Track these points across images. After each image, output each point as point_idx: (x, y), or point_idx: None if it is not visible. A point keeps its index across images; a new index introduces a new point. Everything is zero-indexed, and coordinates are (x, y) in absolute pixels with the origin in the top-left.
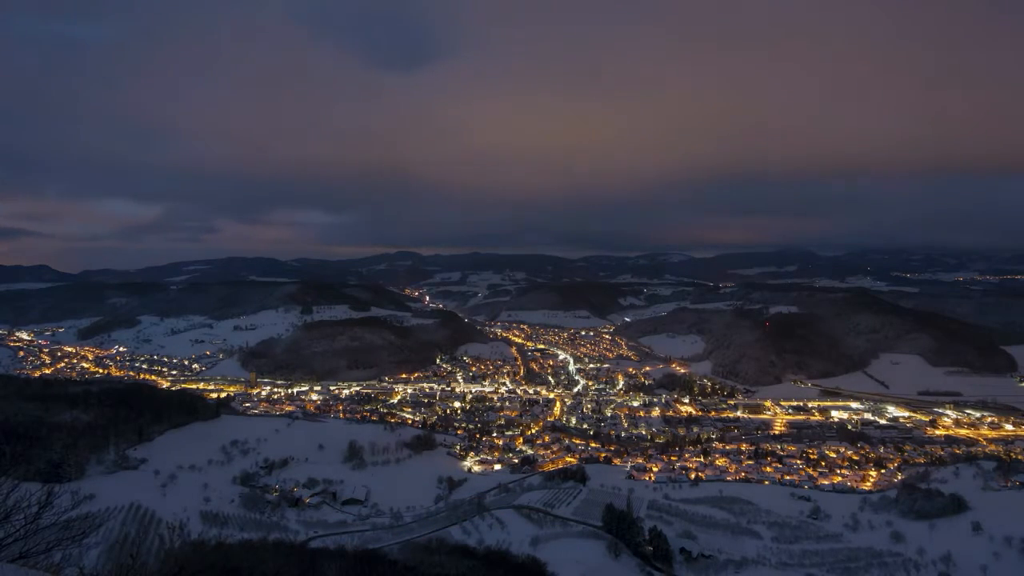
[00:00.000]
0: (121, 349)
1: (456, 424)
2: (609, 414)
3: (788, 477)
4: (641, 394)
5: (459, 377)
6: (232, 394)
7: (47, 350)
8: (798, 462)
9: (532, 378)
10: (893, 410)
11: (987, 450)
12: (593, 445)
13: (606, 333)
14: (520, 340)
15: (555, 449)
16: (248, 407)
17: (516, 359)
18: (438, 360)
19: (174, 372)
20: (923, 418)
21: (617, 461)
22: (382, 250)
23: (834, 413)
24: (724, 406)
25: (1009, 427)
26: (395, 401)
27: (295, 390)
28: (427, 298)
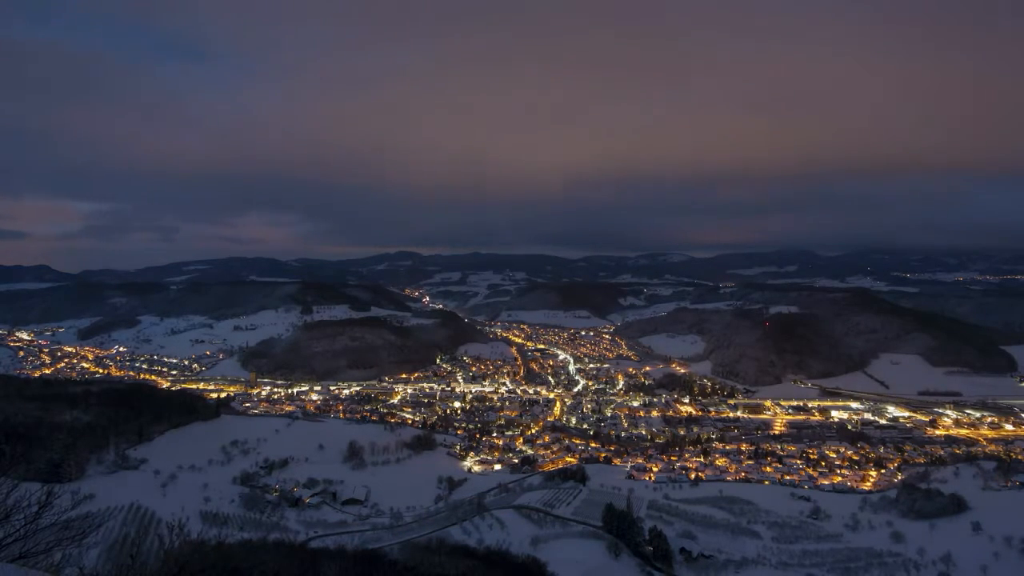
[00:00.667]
0: (121, 349)
1: (456, 424)
2: (609, 414)
3: (788, 477)
4: (641, 394)
5: (459, 377)
6: (232, 394)
7: (47, 350)
8: (798, 462)
9: (532, 378)
10: (893, 410)
11: (987, 450)
12: (593, 445)
13: (606, 333)
14: (520, 340)
15: (555, 449)
16: (248, 407)
17: (516, 359)
18: (438, 360)
19: (174, 372)
20: (923, 418)
21: (617, 461)
22: (382, 250)
23: (834, 413)
24: (724, 406)
25: (1009, 427)
26: (395, 401)
27: (295, 390)
28: (427, 298)
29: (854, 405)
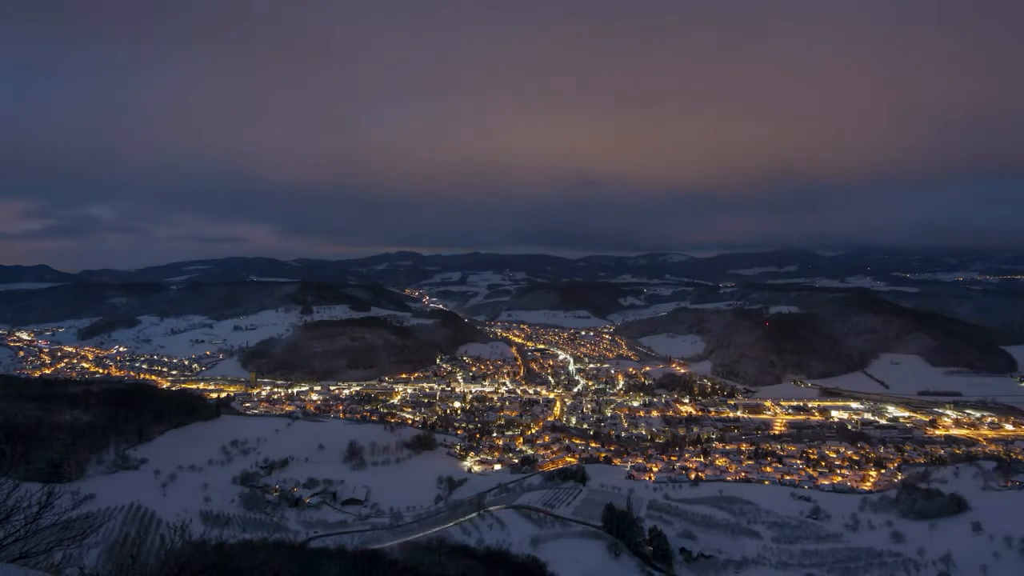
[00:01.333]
0: (121, 349)
1: (456, 424)
2: (609, 414)
3: (788, 477)
4: (641, 394)
5: (459, 377)
6: (232, 394)
7: (47, 350)
8: (798, 462)
9: (532, 378)
10: (893, 410)
11: (987, 450)
12: (593, 445)
13: (606, 333)
14: (520, 340)
15: (555, 449)
16: (248, 407)
17: (516, 359)
18: (438, 360)
19: (174, 372)
20: (923, 418)
21: (617, 461)
22: (382, 250)
23: (834, 413)
24: (724, 406)
25: (1009, 427)
26: (395, 401)
27: (295, 390)
28: (427, 298)
29: (854, 405)
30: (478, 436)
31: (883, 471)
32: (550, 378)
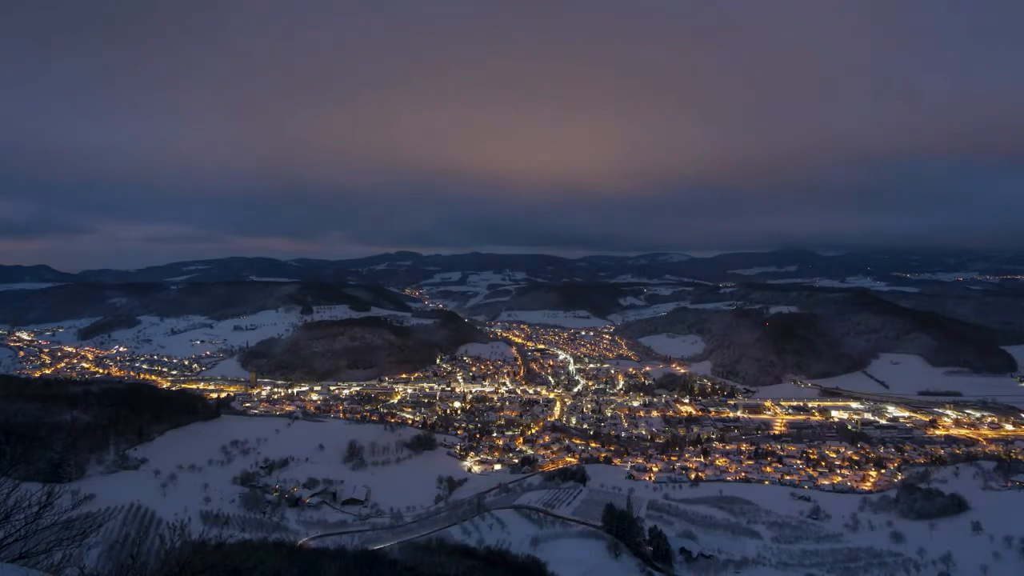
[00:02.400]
0: (121, 349)
1: (456, 424)
2: (609, 414)
3: (788, 477)
4: (641, 394)
5: (459, 377)
6: (232, 394)
7: (47, 350)
8: (798, 462)
9: (532, 378)
10: (893, 410)
11: (987, 450)
12: (593, 445)
13: (606, 333)
14: (520, 340)
15: (555, 449)
16: (248, 407)
17: (516, 359)
18: (438, 360)
19: (174, 372)
20: (923, 418)
21: (617, 461)
22: (382, 250)
23: (834, 413)
24: (724, 406)
25: (1009, 427)
26: (395, 401)
27: (295, 390)
28: (427, 298)
29: (854, 405)
30: (478, 436)
31: (883, 471)
32: (550, 378)
